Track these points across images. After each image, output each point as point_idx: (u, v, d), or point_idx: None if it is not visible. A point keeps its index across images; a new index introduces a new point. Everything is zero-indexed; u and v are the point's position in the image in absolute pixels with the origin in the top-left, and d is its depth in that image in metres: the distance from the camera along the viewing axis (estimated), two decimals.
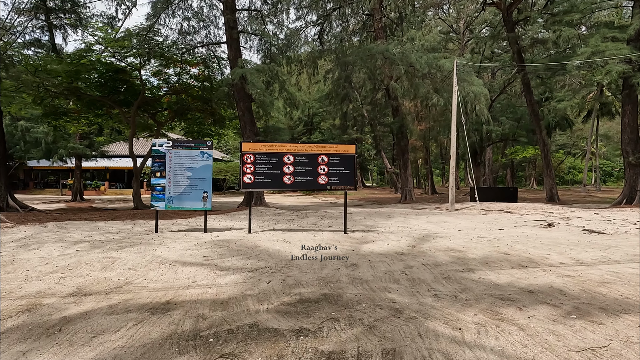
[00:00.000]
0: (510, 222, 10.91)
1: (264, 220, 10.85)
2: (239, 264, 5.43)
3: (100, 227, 8.90)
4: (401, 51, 17.54)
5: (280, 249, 6.47)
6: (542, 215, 12.77)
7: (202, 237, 7.63)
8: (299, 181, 8.14)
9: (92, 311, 3.61)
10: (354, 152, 8.33)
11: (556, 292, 4.23)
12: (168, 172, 7.98)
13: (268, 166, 8.14)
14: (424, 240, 7.45)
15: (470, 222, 10.93)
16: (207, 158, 8.11)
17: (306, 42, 17.76)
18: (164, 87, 17.93)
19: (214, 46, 16.81)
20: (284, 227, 9.46)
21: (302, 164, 8.18)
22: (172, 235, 7.82)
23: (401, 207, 17.82)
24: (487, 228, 9.51)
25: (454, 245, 6.94)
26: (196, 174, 8.05)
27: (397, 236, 7.97)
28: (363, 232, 8.50)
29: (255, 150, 8.15)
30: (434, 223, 10.61)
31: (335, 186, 8.20)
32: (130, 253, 6.01)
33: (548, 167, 20.38)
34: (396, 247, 6.71)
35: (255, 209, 13.86)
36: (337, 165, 8.24)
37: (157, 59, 15.77)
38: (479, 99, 17.70)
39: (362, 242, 7.28)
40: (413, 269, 5.22)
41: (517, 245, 6.98)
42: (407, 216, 12.39)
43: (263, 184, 8.10)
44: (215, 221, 10.36)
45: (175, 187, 7.97)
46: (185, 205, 8.02)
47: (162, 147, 8.02)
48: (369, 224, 10.37)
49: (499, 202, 19.94)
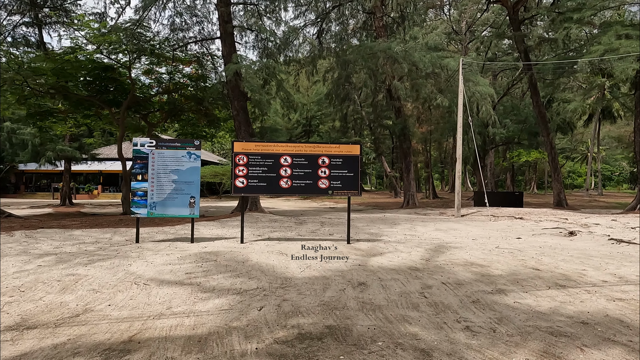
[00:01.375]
0: (526, 229, 10.10)
1: (259, 227, 10.01)
2: (225, 284, 4.59)
3: (76, 236, 8.03)
4: (404, 49, 16.81)
5: (275, 263, 5.64)
6: (556, 221, 11.98)
7: (188, 248, 6.78)
8: (297, 185, 7.32)
9: (29, 354, 2.77)
10: (358, 152, 7.53)
11: (615, 322, 3.42)
12: (151, 174, 7.14)
13: (263, 168, 7.32)
14: (437, 252, 6.63)
15: (482, 229, 10.12)
16: (194, 159, 7.28)
17: (305, 39, 16.98)
18: (155, 86, 17.11)
19: (207, 43, 16.01)
20: (280, 235, 8.62)
21: (300, 166, 7.36)
22: (154, 246, 6.97)
23: (404, 212, 17.00)
24: (502, 237, 8.71)
25: (472, 258, 6.13)
26: (182, 177, 7.21)
27: (407, 247, 7.15)
28: (368, 242, 7.67)
29: (248, 151, 7.33)
30: (443, 231, 9.80)
31: (337, 191, 7.38)
32: (100, 269, 5.17)
33: (556, 170, 19.63)
34: (408, 261, 5.88)
35: (249, 215, 13.02)
36: (340, 168, 7.43)
37: (147, 56, 14.96)
38: (485, 100, 16.98)
39: (368, 254, 6.45)
40: (433, 290, 4.40)
41: (543, 258, 6.17)
42: (412, 223, 11.58)
43: (257, 189, 7.27)
44: (205, 229, 9.51)
45: (159, 191, 7.14)
46: (170, 212, 7.17)
47: (144, 147, 7.18)
48: (373, 231, 9.55)
49: (504, 207, 19.16)
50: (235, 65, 11.70)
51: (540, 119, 19.64)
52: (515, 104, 25.91)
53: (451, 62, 17.14)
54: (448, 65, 17.07)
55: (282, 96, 13.31)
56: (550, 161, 19.85)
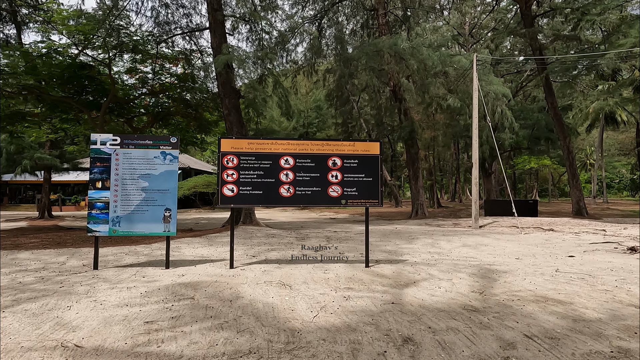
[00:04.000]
0: (569, 244, 8.58)
1: (254, 245, 8.41)
2: (202, 342, 3.01)
3: (19, 260, 6.37)
4: (411, 46, 15.45)
5: (275, 302, 4.06)
6: (594, 233, 10.49)
7: (160, 277, 5.18)
8: (301, 193, 5.77)
9: None
10: (378, 152, 6.00)
11: None
12: (114, 181, 5.57)
13: (258, 172, 5.76)
14: (487, 279, 5.08)
15: (517, 244, 8.59)
16: (170, 161, 5.72)
17: (305, 30, 15.52)
18: (139, 86, 15.59)
19: (195, 36, 14.51)
20: (280, 256, 7.04)
21: (306, 169, 5.82)
22: (115, 274, 5.36)
23: (414, 223, 15.46)
24: (549, 254, 7.17)
25: (539, 288, 4.58)
26: (155, 183, 5.64)
27: (442, 271, 5.60)
28: (390, 264, 6.11)
29: (239, 150, 5.77)
30: (472, 247, 8.26)
31: (352, 200, 5.83)
32: (21, 316, 3.57)
33: (574, 177, 18.22)
34: (456, 295, 4.33)
35: (243, 230, 11.40)
36: (355, 171, 5.90)
37: (129, 53, 13.46)
38: (500, 100, 15.61)
39: (397, 282, 4.89)
40: (520, 352, 2.84)
41: (630, 287, 4.64)
42: (433, 237, 10.02)
43: (251, 198, 5.70)
44: (188, 248, 7.89)
45: (125, 202, 5.55)
46: (139, 229, 5.58)
47: (105, 146, 5.62)
48: (389, 248, 7.99)
49: (520, 216, 17.70)
50: (226, 56, 10.17)
51: (556, 122, 18.30)
52: (525, 107, 24.61)
53: (462, 60, 15.78)
54: (459, 63, 15.70)
55: (280, 94, 11.83)
56: (568, 167, 18.45)
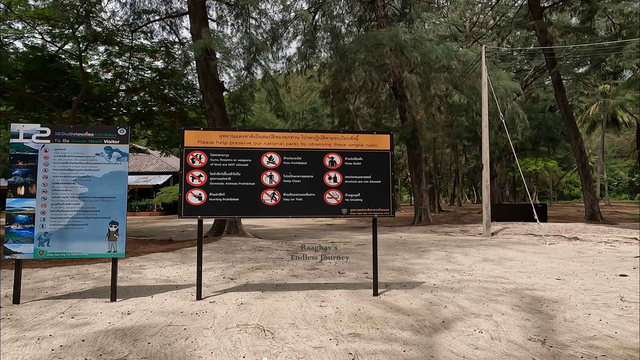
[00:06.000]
0: (607, 257, 7.31)
1: (236, 262, 7.07)
2: None
3: None
4: (413, 38, 14.25)
5: None
6: (625, 242, 9.26)
7: (97, 316, 3.83)
8: (290, 201, 4.45)
9: None
10: (388, 147, 4.70)
11: None
12: (42, 186, 4.22)
13: (234, 173, 4.43)
14: (535, 314, 3.77)
15: (547, 258, 7.31)
16: (118, 159, 4.37)
17: (300, 15, 14.14)
18: (117, 82, 14.24)
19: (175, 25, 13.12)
20: (265, 278, 5.70)
21: (296, 168, 4.50)
22: (39, 310, 4.00)
23: (419, 231, 14.17)
24: (593, 271, 5.89)
25: (616, 330, 3.29)
26: (97, 189, 4.29)
27: (472, 299, 4.29)
28: (404, 290, 4.80)
29: (209, 145, 4.45)
30: (495, 262, 6.97)
31: (357, 209, 4.52)
32: None
33: (587, 179, 17.04)
34: (508, 346, 3.01)
35: (226, 242, 10.03)
36: (359, 172, 4.59)
37: (102, 43, 12.13)
38: (510, 96, 14.43)
39: (420, 323, 3.57)
40: None
41: None
42: (444, 249, 8.73)
43: (224, 207, 4.37)
44: (154, 267, 6.52)
45: (56, 214, 4.20)
46: (75, 250, 4.22)
47: (30, 140, 4.27)
48: (398, 264, 6.68)
49: (527, 221, 16.49)
50: (205, 40, 8.81)
51: (567, 121, 17.15)
52: (530, 106, 23.51)
53: (468, 53, 14.61)
54: (465, 56, 14.52)
55: (269, 87, 10.50)
56: (580, 168, 17.28)
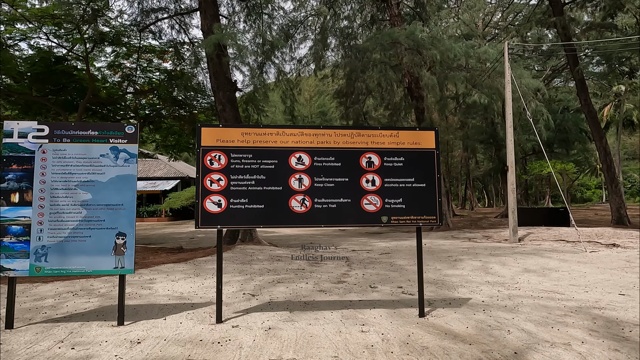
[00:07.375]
0: None
1: (254, 274, 6.48)
2: None
3: None
4: (430, 36, 13.67)
5: None
6: None
7: (101, 345, 3.26)
8: (321, 207, 3.86)
9: None
10: (433, 145, 4.12)
11: None
12: (39, 192, 3.68)
13: (258, 177, 3.86)
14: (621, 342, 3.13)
15: (595, 268, 6.63)
16: (126, 161, 3.83)
17: (316, 11, 13.64)
18: (125, 85, 13.84)
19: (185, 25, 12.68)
20: (290, 294, 5.10)
21: (328, 170, 3.92)
22: (34, 337, 3.44)
23: (440, 237, 13.52)
24: None
25: None
26: (102, 195, 3.74)
27: (536, 322, 3.65)
28: (453, 310, 4.18)
29: (229, 144, 3.88)
30: (538, 273, 6.31)
31: (398, 217, 3.92)
32: None
33: (613, 182, 16.26)
34: None
35: (241, 251, 9.46)
36: (401, 174, 4.00)
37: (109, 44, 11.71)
38: (534, 96, 13.76)
39: (488, 354, 2.95)
40: None
41: None
42: (477, 257, 8.07)
43: (247, 216, 3.80)
44: (166, 281, 5.95)
45: (55, 225, 3.66)
46: (75, 265, 3.67)
47: (25, 140, 3.74)
48: (431, 276, 6.05)
49: (550, 226, 15.73)
50: (217, 35, 8.28)
51: (590, 121, 16.42)
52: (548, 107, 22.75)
53: (489, 50, 13.97)
54: (485, 54, 13.89)
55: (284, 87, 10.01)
56: (605, 170, 16.51)
